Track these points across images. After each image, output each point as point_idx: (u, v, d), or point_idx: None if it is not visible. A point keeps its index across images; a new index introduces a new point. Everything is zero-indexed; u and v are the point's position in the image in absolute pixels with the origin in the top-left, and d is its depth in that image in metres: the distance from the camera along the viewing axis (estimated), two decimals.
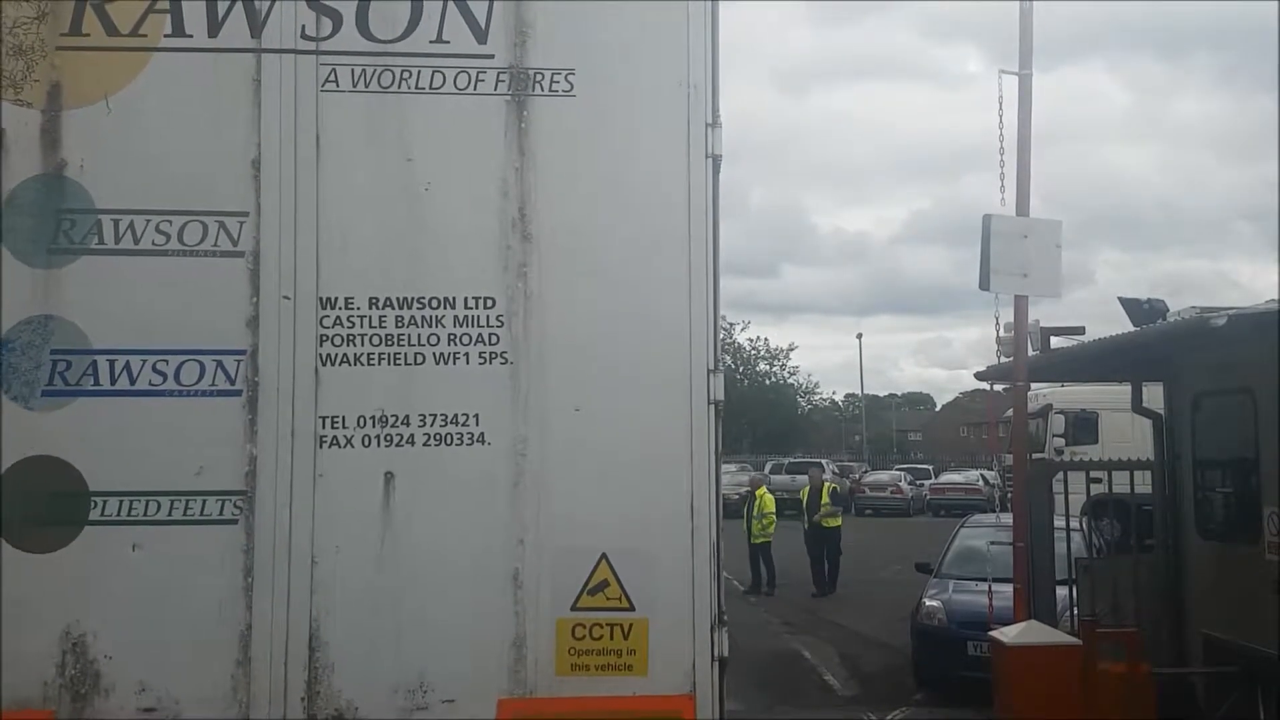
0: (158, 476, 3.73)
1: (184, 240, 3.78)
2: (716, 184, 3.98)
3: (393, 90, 3.85)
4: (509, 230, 3.87)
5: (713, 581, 3.88)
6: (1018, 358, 8.12)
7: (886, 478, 40.71)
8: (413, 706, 3.74)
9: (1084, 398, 19.09)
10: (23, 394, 3.72)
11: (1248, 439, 7.16)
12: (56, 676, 3.68)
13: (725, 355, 41.25)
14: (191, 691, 3.69)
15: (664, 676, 3.82)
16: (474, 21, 3.89)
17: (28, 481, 3.70)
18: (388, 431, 3.80)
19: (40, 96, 3.79)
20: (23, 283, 3.74)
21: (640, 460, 3.84)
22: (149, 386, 3.74)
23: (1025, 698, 6.41)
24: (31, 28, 3.80)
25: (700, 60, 3.97)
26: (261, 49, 3.83)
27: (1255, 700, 6.80)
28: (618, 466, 3.83)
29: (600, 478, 3.83)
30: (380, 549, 3.77)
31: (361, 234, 3.83)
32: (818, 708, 10.12)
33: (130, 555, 3.70)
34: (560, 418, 3.83)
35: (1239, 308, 6.94)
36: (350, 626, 3.74)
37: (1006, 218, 7.64)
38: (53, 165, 3.78)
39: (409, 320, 3.83)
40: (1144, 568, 8.31)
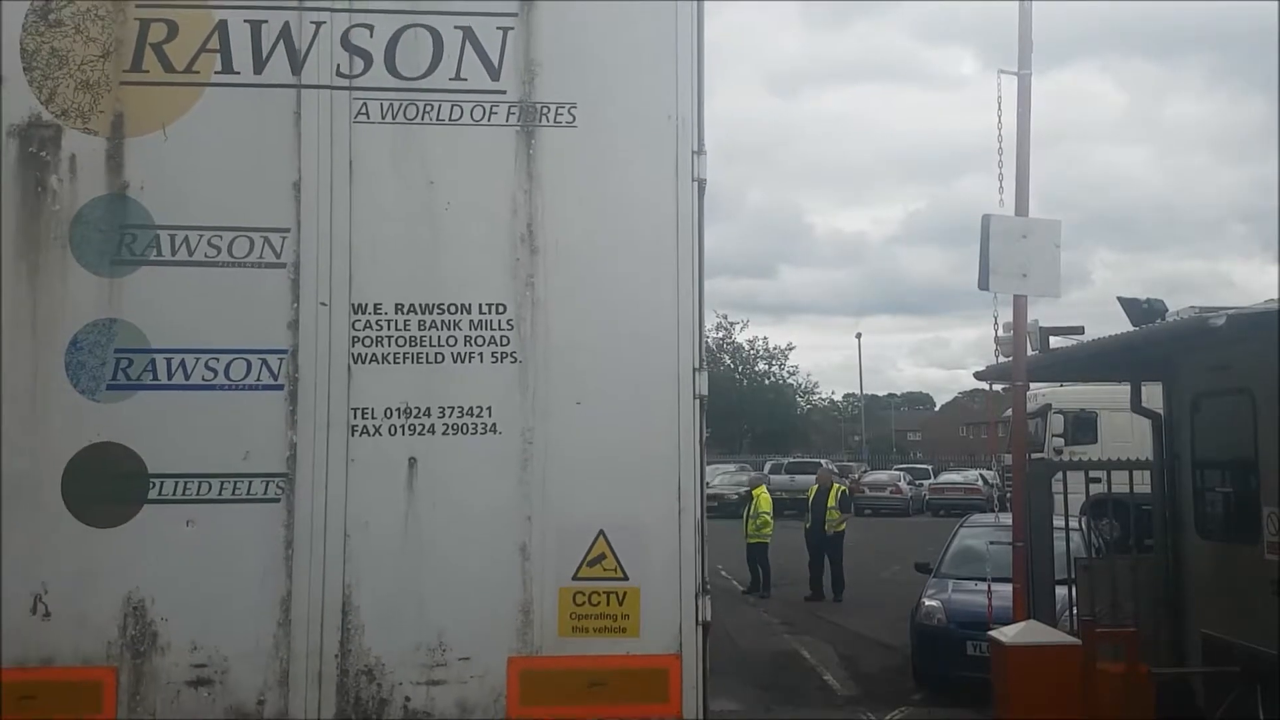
0: (209, 460, 4.23)
1: (233, 253, 4.29)
2: (701, 204, 4.52)
3: (417, 122, 4.38)
4: (518, 244, 4.40)
5: (697, 555, 4.41)
6: (1017, 358, 8.07)
7: (886, 478, 40.53)
8: (433, 663, 4.25)
9: (1083, 397, 19.11)
10: (90, 387, 4.22)
11: (1247, 439, 7.12)
12: (119, 637, 4.18)
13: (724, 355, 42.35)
14: (237, 649, 4.20)
15: (654, 638, 4.34)
16: (488, 61, 4.42)
17: (94, 465, 4.20)
18: (411, 422, 4.32)
19: (105, 126, 4.30)
20: (90, 290, 4.25)
21: (634, 448, 4.36)
22: (201, 381, 4.25)
23: (1024, 697, 6.39)
24: (98, 65, 4.31)
25: (687, 95, 4.51)
26: (301, 85, 4.35)
27: (1254, 700, 6.77)
28: (614, 453, 4.36)
29: (598, 463, 4.35)
30: (404, 525, 4.29)
31: (389, 247, 4.35)
32: (817, 708, 10.09)
33: (184, 530, 4.21)
34: (563, 410, 4.36)
35: (1238, 307, 6.85)
36: (378, 592, 4.25)
37: (1006, 218, 7.62)
38: (116, 186, 4.29)
39: (430, 324, 4.36)
40: (1143, 567, 8.32)
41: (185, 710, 4.17)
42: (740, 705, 9.78)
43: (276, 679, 4.20)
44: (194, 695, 4.18)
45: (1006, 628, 6.94)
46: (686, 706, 4.33)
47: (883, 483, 39.20)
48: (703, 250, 4.52)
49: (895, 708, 9.79)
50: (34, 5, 4.31)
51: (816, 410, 77.11)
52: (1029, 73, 7.80)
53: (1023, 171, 7.82)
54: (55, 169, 4.27)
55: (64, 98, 4.29)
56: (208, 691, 4.18)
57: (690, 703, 4.33)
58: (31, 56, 4.30)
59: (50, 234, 4.25)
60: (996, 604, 8.38)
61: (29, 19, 4.31)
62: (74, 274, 4.25)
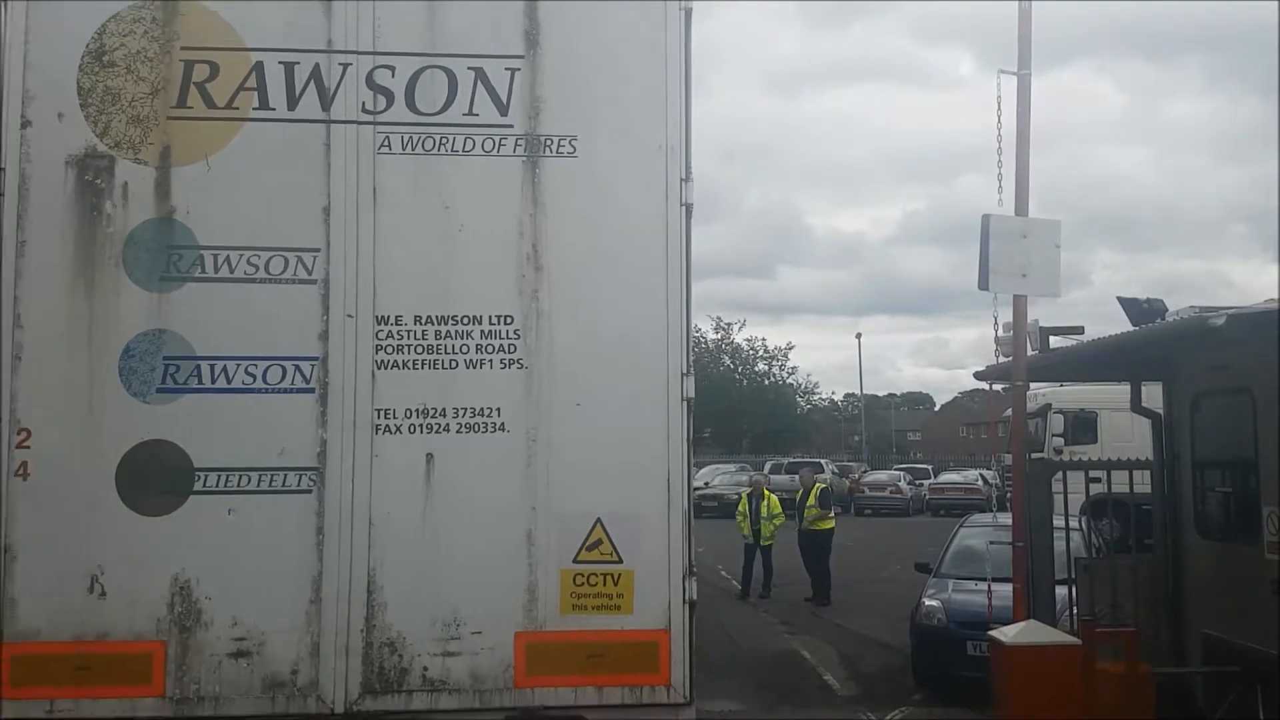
0: (248, 456, 4.75)
1: (269, 270, 4.81)
2: (689, 226, 5.05)
3: (434, 153, 4.91)
4: (524, 262, 4.92)
5: (684, 541, 4.95)
6: (1017, 357, 8.06)
7: (885, 478, 40.29)
8: (448, 636, 4.77)
9: (1083, 397, 19.01)
10: (141, 390, 4.73)
11: (1247, 438, 7.10)
12: (167, 614, 4.69)
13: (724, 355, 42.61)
14: (273, 625, 4.71)
15: (646, 614, 4.88)
16: (498, 98, 4.95)
17: (145, 460, 4.71)
18: (429, 421, 4.84)
19: (154, 156, 4.81)
20: (141, 303, 4.75)
21: (628, 444, 4.89)
22: (241, 385, 4.76)
23: (1025, 697, 6.40)
24: (147, 102, 4.82)
25: (677, 128, 5.04)
26: (330, 120, 4.87)
27: (1255, 700, 6.76)
28: (610, 449, 4.88)
29: (596, 458, 4.87)
30: (423, 514, 4.81)
31: (408, 265, 4.87)
32: (817, 707, 10.06)
33: (226, 518, 4.72)
34: (564, 411, 4.88)
35: (1238, 307, 6.83)
36: (399, 574, 4.77)
37: (1006, 217, 7.61)
38: (164, 211, 4.80)
39: (445, 334, 4.88)
40: (1143, 567, 8.30)
41: (226, 680, 4.68)
42: (740, 705, 9.89)
43: (308, 651, 4.70)
44: (234, 666, 4.68)
45: (1006, 628, 6.96)
46: (675, 676, 4.88)
47: (882, 483, 39.05)
48: (690, 266, 5.05)
49: (895, 708, 9.79)
50: (89, 48, 4.81)
51: (817, 410, 77.16)
52: (1029, 73, 7.82)
53: (1022, 171, 7.82)
54: (109, 195, 4.77)
55: (117, 131, 4.80)
56: (247, 663, 4.69)
57: (678, 673, 4.88)
58: (87, 94, 4.80)
59: (105, 254, 4.75)
60: (996, 604, 8.37)
61: (85, 60, 4.81)
62: (126, 289, 4.75)
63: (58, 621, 4.65)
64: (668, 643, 4.86)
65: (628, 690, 4.84)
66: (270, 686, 4.69)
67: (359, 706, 4.70)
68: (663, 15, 5.03)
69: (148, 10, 4.85)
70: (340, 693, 4.70)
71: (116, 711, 4.64)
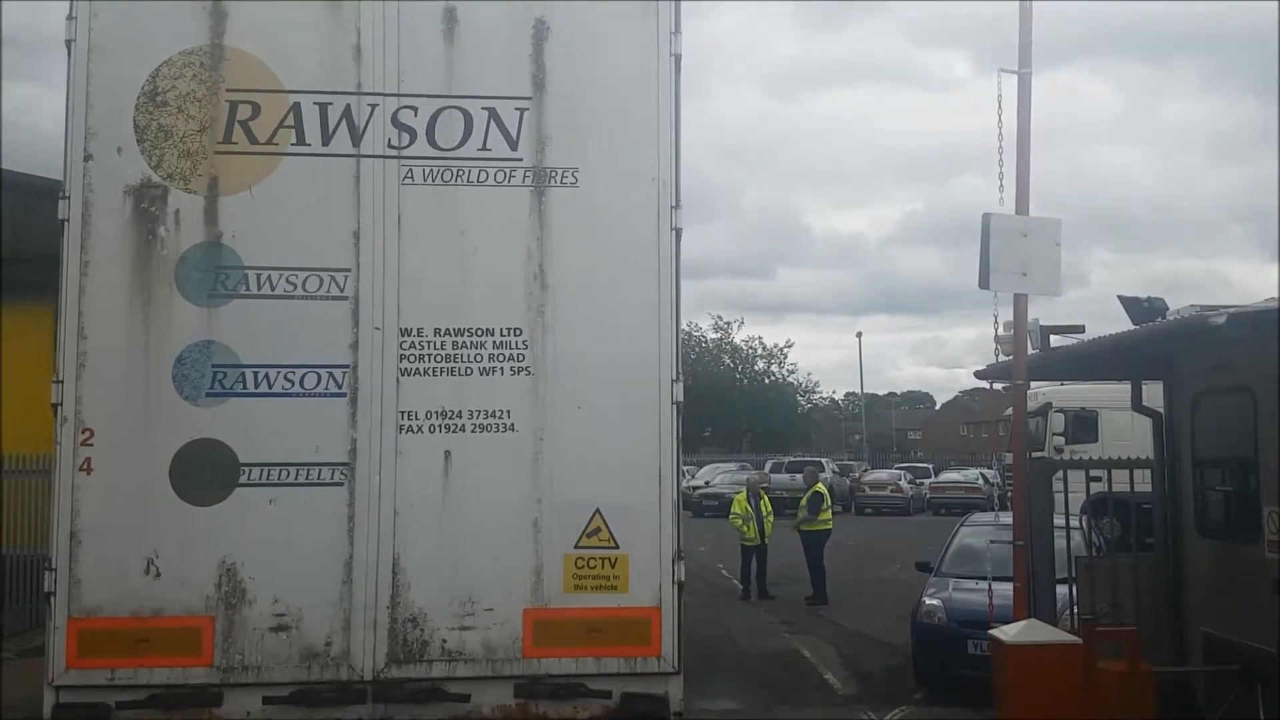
0: (287, 452, 5.38)
1: (306, 288, 5.44)
2: (678, 248, 5.69)
3: (451, 184, 5.54)
4: (531, 281, 5.56)
5: (673, 528, 5.58)
6: (1017, 356, 8.07)
7: (886, 476, 40.25)
8: (464, 613, 5.41)
9: (1084, 396, 18.98)
10: (192, 394, 5.35)
11: (1247, 437, 7.12)
12: (215, 593, 5.31)
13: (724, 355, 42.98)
14: (310, 602, 5.34)
15: (639, 594, 5.52)
16: (508, 135, 5.59)
17: (195, 456, 5.33)
18: (447, 422, 5.47)
19: (203, 187, 5.44)
20: (191, 317, 5.38)
21: (624, 443, 5.53)
22: (281, 390, 5.39)
23: (1025, 696, 6.42)
24: (196, 138, 5.45)
25: (667, 161, 5.69)
26: (360, 155, 5.51)
27: (1255, 699, 6.76)
28: (608, 447, 5.53)
29: (595, 455, 5.52)
30: (442, 504, 5.44)
31: (429, 284, 5.51)
32: (818, 707, 10.04)
33: (268, 507, 5.35)
34: (567, 413, 5.52)
35: (1238, 306, 6.85)
36: (420, 558, 5.41)
37: (1006, 216, 7.64)
38: (212, 235, 5.42)
39: (461, 344, 5.51)
40: (1144, 566, 8.29)
41: (268, 651, 5.31)
42: (741, 704, 9.94)
43: (341, 625, 5.34)
44: (275, 639, 5.31)
45: (1007, 626, 6.99)
46: (665, 648, 5.51)
47: (883, 482, 39.07)
48: (679, 284, 5.70)
49: (896, 707, 9.80)
50: (144, 89, 5.44)
51: (817, 409, 77.55)
52: (1029, 71, 7.87)
53: (1023, 170, 7.86)
54: (163, 221, 5.40)
55: (169, 164, 5.42)
56: (286, 636, 5.32)
57: (668, 645, 5.51)
58: (143, 131, 5.43)
59: (159, 273, 5.38)
60: (997, 603, 8.40)
61: (140, 100, 5.44)
62: (178, 305, 5.38)
63: (117, 599, 5.27)
64: (659, 619, 5.49)
65: (623, 660, 5.46)
66: (307, 657, 5.32)
67: (385, 674, 5.33)
68: (655, 61, 5.68)
69: (196, 56, 5.47)
70: (369, 662, 5.33)
71: (170, 680, 5.26)
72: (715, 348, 66.79)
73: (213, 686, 5.28)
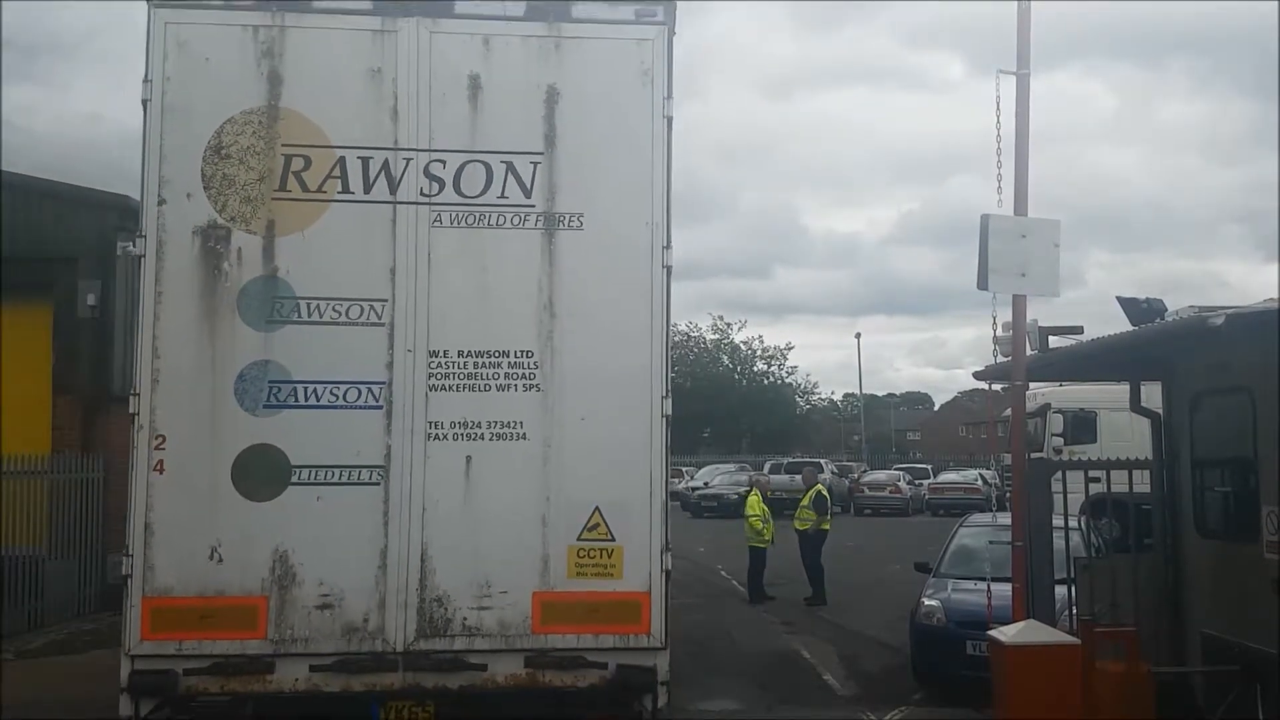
0: (332, 456, 6.32)
1: (349, 316, 6.39)
2: (669, 284, 6.66)
3: (475, 227, 6.50)
4: (542, 310, 6.52)
5: (662, 524, 6.53)
6: (1016, 357, 8.13)
7: (885, 477, 40.98)
8: (482, 595, 6.35)
9: (1082, 397, 19.26)
10: (251, 406, 6.29)
11: (1246, 438, 7.16)
12: (269, 576, 6.25)
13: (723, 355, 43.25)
14: (350, 585, 6.28)
15: (632, 580, 6.47)
16: (523, 184, 6.54)
17: (253, 459, 6.27)
18: (468, 431, 6.42)
19: (261, 228, 6.38)
20: (251, 341, 6.32)
21: (621, 450, 6.48)
22: (327, 403, 6.34)
23: (1024, 697, 6.45)
24: (256, 186, 6.39)
25: (660, 206, 6.64)
26: (396, 201, 6.46)
27: (1254, 699, 6.80)
28: (606, 454, 6.48)
29: (596, 460, 6.47)
30: (463, 502, 6.39)
31: (454, 313, 6.46)
32: (817, 707, 10.16)
33: (315, 504, 6.29)
34: (572, 424, 6.48)
35: (1237, 307, 6.86)
36: (445, 547, 6.35)
37: (1005, 217, 7.70)
38: (269, 270, 6.37)
39: (481, 364, 6.46)
40: (1143, 567, 8.37)
41: (314, 626, 6.24)
42: (740, 705, 10.18)
43: (377, 604, 6.28)
44: (320, 616, 6.25)
45: (1006, 627, 7.04)
46: (654, 627, 6.45)
47: (882, 482, 39.75)
48: (670, 314, 6.67)
49: (895, 707, 9.92)
50: (210, 143, 6.38)
51: (816, 410, 78.32)
52: (1027, 72, 7.97)
53: (1022, 171, 7.94)
54: (227, 258, 6.35)
55: (232, 208, 6.37)
56: (329, 613, 6.26)
57: (656, 624, 6.45)
58: (209, 179, 6.37)
59: (223, 302, 6.33)
60: (996, 603, 8.46)
61: (207, 153, 6.38)
62: (240, 330, 6.32)
63: (185, 581, 6.21)
64: (649, 602, 6.44)
65: (617, 637, 6.40)
66: (347, 631, 6.26)
67: (414, 647, 6.28)
68: (650, 122, 6.64)
69: (255, 115, 6.43)
70: (401, 636, 6.28)
71: (229, 651, 6.20)
72: (714, 348, 67.11)
73: (266, 656, 6.20)
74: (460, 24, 6.56)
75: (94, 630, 13.85)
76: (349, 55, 6.49)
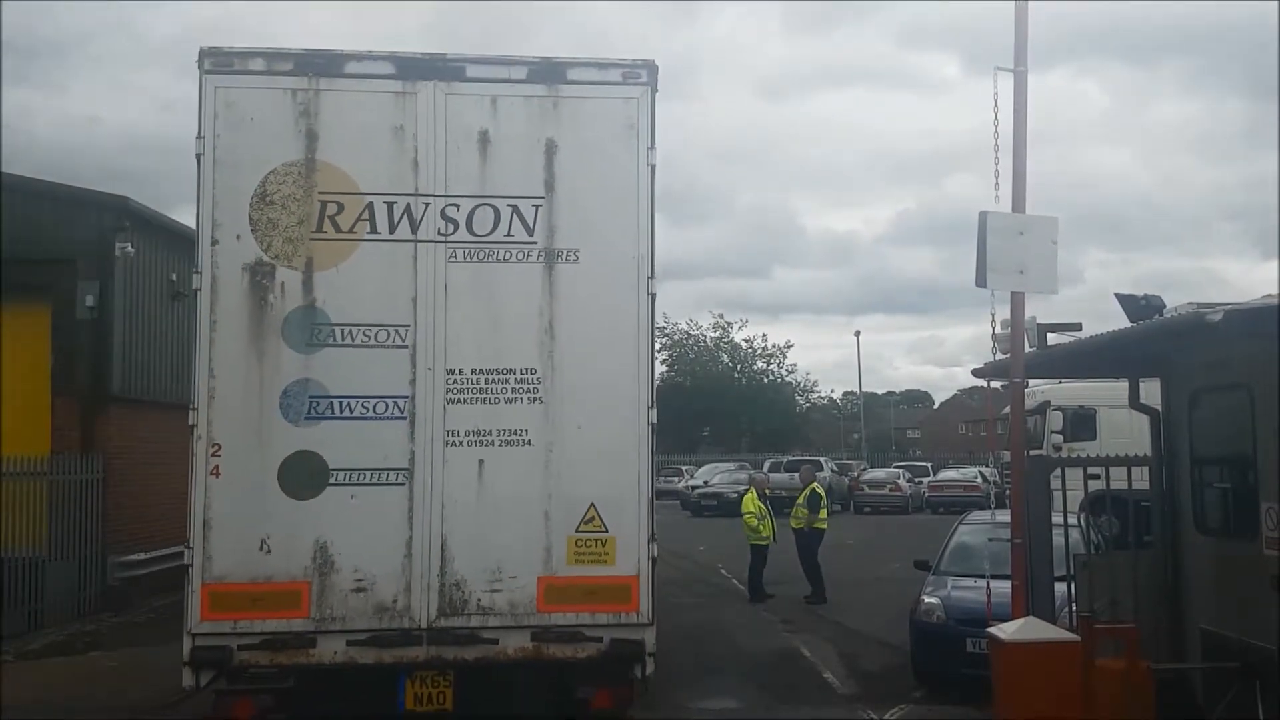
0: (364, 460, 7.42)
1: (377, 339, 7.47)
2: (653, 308, 7.78)
3: (485, 262, 7.59)
4: (543, 334, 7.61)
5: (649, 518, 7.63)
6: (1015, 354, 8.20)
7: (885, 475, 41.56)
8: (493, 579, 7.45)
9: (1082, 394, 19.32)
10: (294, 418, 7.38)
11: (1245, 434, 7.19)
12: (311, 564, 7.34)
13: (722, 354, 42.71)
14: (381, 571, 7.38)
15: (623, 566, 7.58)
16: (526, 224, 7.64)
17: (297, 464, 7.37)
18: (480, 438, 7.52)
19: (301, 265, 7.47)
20: (294, 361, 7.41)
21: (612, 453, 7.60)
22: (359, 414, 7.43)
23: (1024, 694, 6.50)
24: (296, 228, 7.49)
25: (645, 242, 7.75)
26: (417, 240, 7.56)
27: (1254, 696, 6.83)
28: (600, 457, 7.59)
29: (591, 462, 7.58)
30: (477, 499, 7.49)
31: (468, 336, 7.56)
32: (817, 706, 10.25)
33: (350, 501, 7.39)
34: (570, 431, 7.58)
35: (1235, 303, 6.89)
36: (462, 538, 7.46)
37: (1003, 214, 7.77)
38: (308, 301, 7.45)
39: (491, 381, 7.56)
40: (1142, 564, 8.44)
41: (350, 607, 7.34)
42: (740, 703, 10.40)
43: (404, 587, 7.38)
44: (355, 597, 7.34)
45: (1006, 624, 7.10)
46: (642, 606, 7.56)
47: (882, 480, 40.34)
48: (654, 335, 7.76)
49: (895, 705, 10.04)
50: (256, 191, 7.45)
51: (816, 409, 78.29)
52: (1025, 69, 8.09)
53: (1019, 168, 8.02)
54: (272, 290, 7.42)
55: (276, 248, 7.45)
56: (363, 596, 7.35)
57: (644, 604, 7.56)
58: (256, 223, 7.45)
59: (269, 328, 7.41)
60: (995, 601, 8.52)
61: (254, 200, 7.46)
62: (284, 353, 7.40)
63: (239, 569, 7.30)
64: (637, 584, 7.54)
65: (610, 615, 7.51)
66: (379, 611, 7.35)
67: (436, 624, 7.39)
68: (636, 169, 7.75)
69: (295, 167, 7.51)
70: (425, 615, 7.38)
71: (277, 628, 7.28)
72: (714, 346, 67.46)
73: (309, 633, 7.30)
74: (471, 86, 7.65)
75: (94, 631, 14.16)
76: (375, 114, 7.58)
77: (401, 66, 7.63)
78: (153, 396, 16.74)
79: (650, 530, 7.65)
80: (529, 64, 7.75)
